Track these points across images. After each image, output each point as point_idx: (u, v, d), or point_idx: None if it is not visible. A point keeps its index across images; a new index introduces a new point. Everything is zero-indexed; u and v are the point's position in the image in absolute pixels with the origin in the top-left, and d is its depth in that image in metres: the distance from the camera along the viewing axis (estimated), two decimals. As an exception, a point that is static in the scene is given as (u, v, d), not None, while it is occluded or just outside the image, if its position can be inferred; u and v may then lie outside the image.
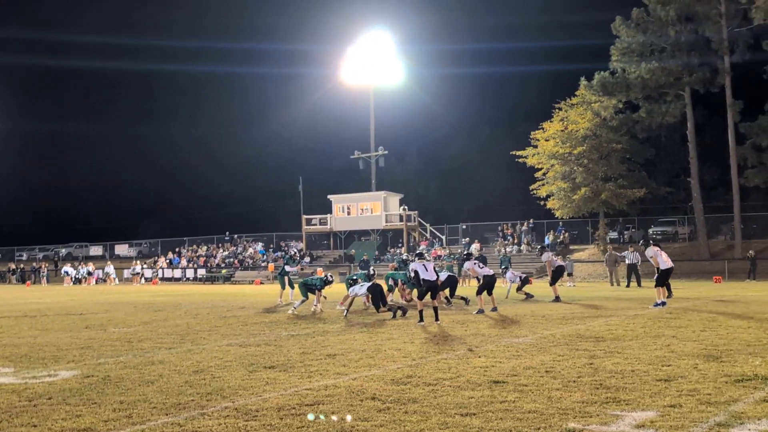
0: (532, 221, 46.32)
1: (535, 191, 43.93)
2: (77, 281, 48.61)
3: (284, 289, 21.37)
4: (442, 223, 50.19)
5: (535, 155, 42.99)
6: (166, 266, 51.63)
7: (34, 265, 56.85)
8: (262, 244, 53.80)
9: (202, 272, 48.80)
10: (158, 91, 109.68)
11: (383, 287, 16.43)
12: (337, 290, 21.40)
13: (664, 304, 16.38)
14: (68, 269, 50.27)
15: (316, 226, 51.27)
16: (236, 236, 56.19)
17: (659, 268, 16.46)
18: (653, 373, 7.66)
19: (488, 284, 16.24)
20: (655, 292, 16.97)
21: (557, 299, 19.28)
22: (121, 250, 62.76)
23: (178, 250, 55.12)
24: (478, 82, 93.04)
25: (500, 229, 47.02)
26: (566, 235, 44.17)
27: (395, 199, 50.10)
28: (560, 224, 44.65)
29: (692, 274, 34.50)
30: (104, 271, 49.97)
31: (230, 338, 11.79)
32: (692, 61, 39.33)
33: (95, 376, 8.15)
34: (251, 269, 48.33)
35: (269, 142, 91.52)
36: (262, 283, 42.33)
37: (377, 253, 46.82)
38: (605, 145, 41.32)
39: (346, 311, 16.17)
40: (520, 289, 21.04)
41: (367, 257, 39.42)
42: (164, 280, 49.59)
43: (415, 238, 47.22)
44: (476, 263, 16.88)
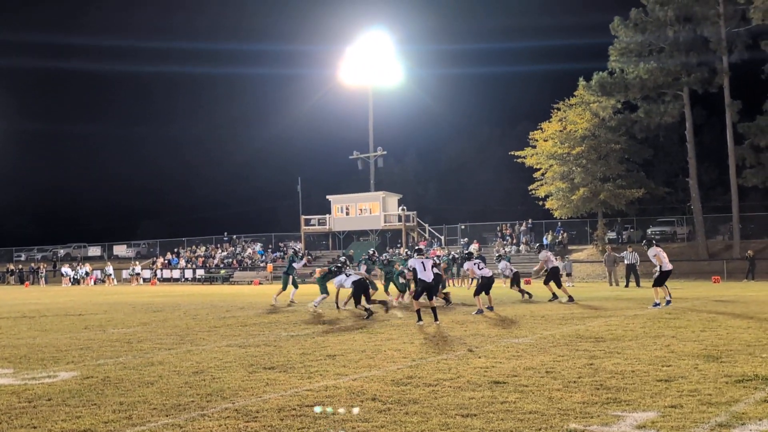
0: (530, 221, 46.36)
1: (533, 191, 43.96)
2: (75, 282, 48.58)
3: (285, 289, 21.22)
4: (440, 223, 50.23)
5: (533, 155, 43.02)
6: (163, 266, 51.62)
7: (32, 265, 56.79)
8: (260, 244, 53.77)
9: (200, 273, 48.79)
10: (157, 92, 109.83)
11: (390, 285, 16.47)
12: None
13: (668, 302, 16.59)
14: (66, 270, 50.24)
15: (314, 226, 51.26)
16: (235, 237, 56.16)
17: (660, 268, 16.47)
18: (653, 373, 7.66)
19: (486, 285, 16.22)
20: (653, 292, 16.99)
21: (570, 299, 18.92)
22: (119, 250, 62.73)
23: (176, 250, 55.08)
24: (477, 82, 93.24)
25: (499, 229, 47.07)
26: (565, 235, 44.18)
27: (394, 199, 50.09)
28: (559, 224, 44.66)
29: (691, 274, 34.53)
30: (103, 271, 49.95)
31: (230, 339, 11.78)
32: (691, 61, 39.35)
33: (95, 377, 8.14)
34: (250, 270, 48.32)
35: (268, 142, 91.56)
36: (260, 283, 42.32)
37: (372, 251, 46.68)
38: (604, 145, 41.35)
39: (336, 305, 16.39)
40: (513, 285, 21.09)
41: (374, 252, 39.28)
42: (163, 280, 49.57)
43: (413, 238, 47.20)
44: (476, 264, 16.86)
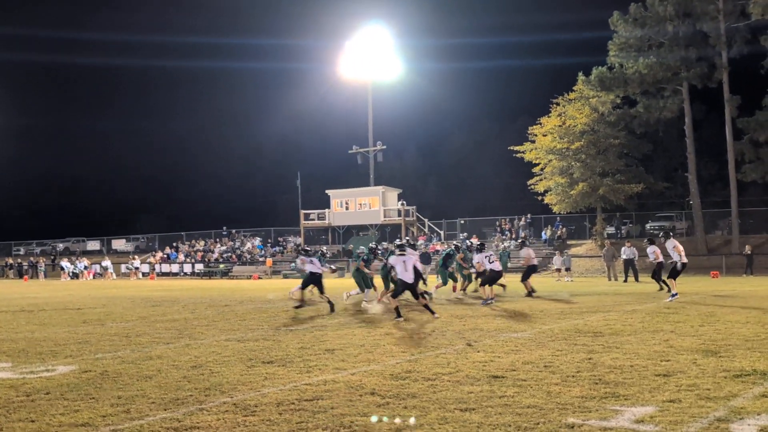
0: (529, 216, 46.36)
1: (532, 186, 43.95)
2: (74, 276, 48.57)
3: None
4: (440, 218, 50.24)
5: (532, 150, 43.00)
6: (162, 261, 51.60)
7: (31, 259, 56.76)
8: (260, 239, 53.77)
9: (199, 267, 48.79)
10: (156, 86, 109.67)
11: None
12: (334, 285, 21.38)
13: (674, 296, 16.86)
14: (65, 264, 50.22)
15: (314, 221, 51.22)
16: (234, 231, 56.15)
17: (680, 260, 16.80)
18: (652, 368, 7.66)
19: (493, 278, 16.35)
20: (671, 284, 17.31)
21: (530, 293, 19.01)
22: (118, 244, 62.74)
23: (175, 244, 55.07)
24: (476, 77, 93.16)
25: (498, 224, 47.08)
26: (564, 230, 44.21)
27: (393, 194, 50.08)
28: (558, 219, 44.68)
29: (689, 269, 34.22)
30: (101, 265, 49.93)
31: (228, 333, 11.78)
32: (690, 56, 39.31)
33: (93, 371, 8.13)
34: (249, 264, 48.33)
35: (267, 137, 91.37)
36: (260, 278, 42.33)
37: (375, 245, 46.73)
38: (603, 140, 41.34)
39: (346, 296, 17.03)
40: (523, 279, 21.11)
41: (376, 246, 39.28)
42: (162, 275, 49.57)
43: (413, 233, 47.21)
44: (487, 257, 16.96)
